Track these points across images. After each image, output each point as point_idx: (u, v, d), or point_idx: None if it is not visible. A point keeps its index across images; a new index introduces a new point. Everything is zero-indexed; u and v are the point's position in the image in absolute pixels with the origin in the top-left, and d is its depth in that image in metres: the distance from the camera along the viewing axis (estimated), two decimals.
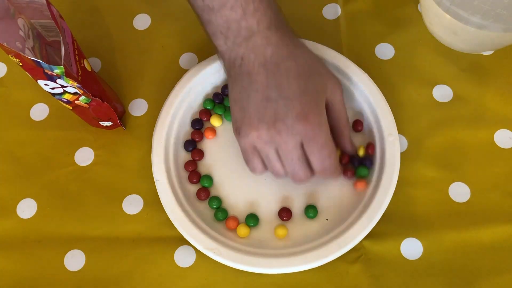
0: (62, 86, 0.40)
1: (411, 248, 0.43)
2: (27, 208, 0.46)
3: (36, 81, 0.40)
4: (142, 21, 0.54)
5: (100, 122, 0.47)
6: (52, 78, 0.39)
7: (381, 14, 0.52)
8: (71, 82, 0.39)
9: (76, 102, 0.43)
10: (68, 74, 0.39)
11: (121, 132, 0.49)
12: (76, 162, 0.48)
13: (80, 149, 0.48)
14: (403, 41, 0.51)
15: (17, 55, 0.37)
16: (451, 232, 0.43)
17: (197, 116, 0.48)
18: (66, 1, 0.55)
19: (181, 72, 0.50)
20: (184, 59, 0.51)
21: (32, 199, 0.46)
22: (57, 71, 0.38)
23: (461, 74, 0.49)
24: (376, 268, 0.42)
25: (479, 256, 0.42)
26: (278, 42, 0.40)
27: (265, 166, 0.42)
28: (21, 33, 0.40)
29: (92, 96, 0.42)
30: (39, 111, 0.50)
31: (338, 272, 0.42)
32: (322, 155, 0.40)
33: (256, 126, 0.39)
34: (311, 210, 0.43)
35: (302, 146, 0.40)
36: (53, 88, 0.40)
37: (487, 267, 0.42)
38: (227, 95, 0.48)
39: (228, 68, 0.42)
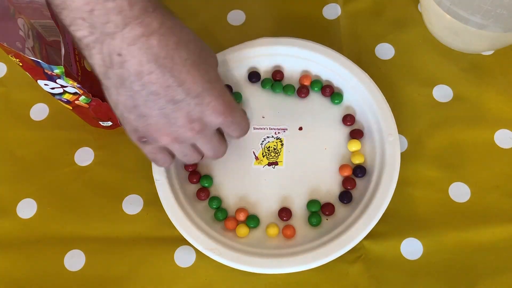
0: (62, 86, 0.40)
1: (411, 248, 0.43)
2: (27, 208, 0.46)
3: (36, 81, 0.40)
4: None
5: (100, 122, 0.47)
6: (52, 78, 0.39)
7: (381, 14, 0.52)
8: (71, 82, 0.39)
9: (76, 102, 0.43)
10: (68, 74, 0.39)
11: (121, 132, 0.49)
12: (76, 162, 0.48)
13: (80, 149, 0.48)
14: (403, 41, 0.51)
15: (17, 55, 0.37)
16: (451, 232, 0.43)
17: None
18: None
19: None
20: None
21: (32, 199, 0.46)
22: (57, 71, 0.38)
23: (461, 74, 0.49)
24: (376, 268, 0.42)
25: (479, 256, 0.42)
26: (161, 28, 0.33)
27: (173, 156, 0.40)
28: (21, 33, 0.40)
29: (92, 96, 0.42)
30: (39, 111, 0.50)
31: (338, 272, 0.42)
32: (241, 126, 0.40)
33: (168, 132, 0.36)
34: (314, 220, 0.43)
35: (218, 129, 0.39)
36: (53, 88, 0.40)
37: (487, 267, 0.42)
38: None
39: (104, 69, 0.34)
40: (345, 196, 0.44)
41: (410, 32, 0.51)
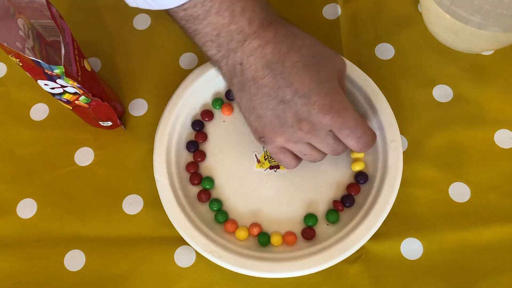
0: (62, 86, 0.40)
1: (411, 248, 0.43)
2: (27, 208, 0.46)
3: (36, 81, 0.40)
4: (142, 21, 0.54)
5: (100, 122, 0.47)
6: (52, 78, 0.39)
7: (381, 14, 0.52)
8: (71, 82, 0.39)
9: (76, 102, 0.43)
10: (68, 74, 0.39)
11: (121, 132, 0.49)
12: (76, 162, 0.48)
13: (80, 149, 0.48)
14: (403, 41, 0.51)
15: (17, 55, 0.37)
16: (451, 232, 0.43)
17: (199, 117, 0.48)
18: (66, 1, 0.55)
19: (181, 72, 0.50)
20: (184, 59, 0.51)
21: (32, 199, 0.46)
22: (57, 71, 0.38)
23: (461, 74, 0.49)
24: (376, 268, 0.42)
25: (479, 256, 0.42)
26: (275, 38, 0.37)
27: (298, 158, 0.42)
28: (21, 33, 0.40)
29: (92, 96, 0.42)
30: (39, 111, 0.50)
31: (338, 272, 0.42)
32: (357, 135, 0.39)
33: (281, 132, 0.38)
34: (310, 219, 0.43)
35: (332, 131, 0.39)
36: (53, 88, 0.40)
37: (487, 267, 0.42)
38: (231, 99, 0.48)
39: (229, 77, 0.39)
40: (348, 200, 0.44)
41: (410, 32, 0.51)
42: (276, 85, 0.37)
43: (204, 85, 0.48)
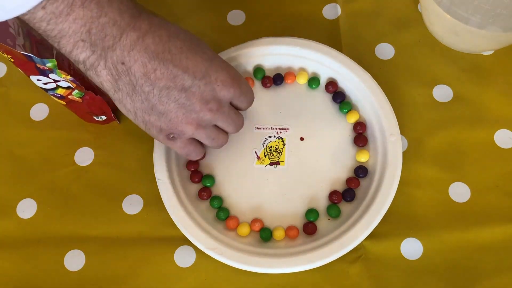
0: (55, 81, 0.40)
1: (411, 248, 0.43)
2: (27, 208, 0.46)
3: (29, 77, 0.39)
4: None
5: (94, 117, 0.47)
6: (44, 73, 0.38)
7: (381, 14, 0.52)
8: (63, 75, 0.39)
9: (69, 96, 0.42)
10: (60, 67, 0.38)
11: (121, 132, 0.49)
12: (76, 162, 0.48)
13: (80, 149, 0.48)
14: (403, 41, 0.51)
15: (7, 51, 0.36)
16: (451, 232, 0.43)
17: None
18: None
19: None
20: None
21: (32, 199, 0.46)
22: (49, 64, 0.37)
23: (461, 74, 0.49)
24: (376, 268, 0.42)
25: (479, 256, 0.42)
26: (152, 27, 0.35)
27: (203, 146, 0.43)
28: (11, 30, 0.39)
29: (85, 89, 0.42)
30: (39, 111, 0.50)
31: (338, 272, 0.42)
32: (248, 97, 0.41)
33: (190, 120, 0.38)
34: (312, 214, 0.43)
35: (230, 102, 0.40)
36: (46, 84, 0.40)
37: (487, 267, 0.42)
38: None
39: (113, 82, 0.35)
40: (348, 194, 0.44)
41: (410, 32, 0.51)
42: (171, 75, 0.36)
43: None
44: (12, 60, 0.37)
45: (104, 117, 0.47)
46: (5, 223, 0.46)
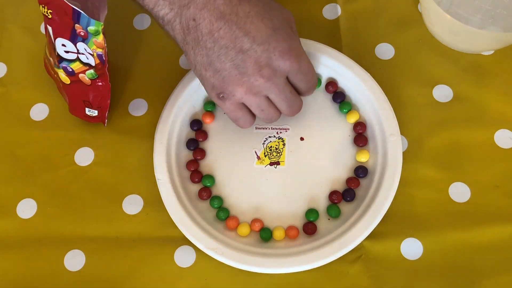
0: (78, 52, 0.39)
1: (411, 248, 0.43)
2: (27, 208, 0.46)
3: (55, 39, 0.38)
4: (142, 21, 0.54)
5: (87, 109, 0.46)
6: (75, 39, 0.37)
7: (381, 14, 0.52)
8: (94, 47, 0.38)
9: (80, 75, 0.41)
10: (104, 33, 0.37)
11: (121, 132, 0.49)
12: (76, 162, 0.48)
13: (80, 149, 0.48)
14: (403, 41, 0.51)
15: (52, 4, 0.35)
16: (451, 232, 0.43)
17: (199, 117, 0.48)
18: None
19: (181, 72, 0.50)
20: (184, 59, 0.51)
21: (32, 199, 0.46)
22: (92, 28, 0.36)
23: (461, 74, 0.49)
24: (376, 268, 0.42)
25: (479, 256, 0.42)
26: None
27: (253, 116, 0.43)
28: None
29: (107, 71, 0.41)
30: (39, 111, 0.50)
31: (338, 272, 0.42)
32: (309, 78, 0.41)
33: (241, 83, 0.39)
34: (312, 214, 0.43)
35: (287, 78, 0.40)
36: (67, 52, 0.39)
37: (487, 267, 0.42)
38: None
39: (183, 36, 0.39)
40: (348, 194, 0.44)
41: (410, 32, 0.51)
42: (233, 36, 0.37)
43: None
44: (50, 16, 0.36)
45: (96, 113, 0.46)
46: (5, 223, 0.46)
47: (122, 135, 0.49)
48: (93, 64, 0.40)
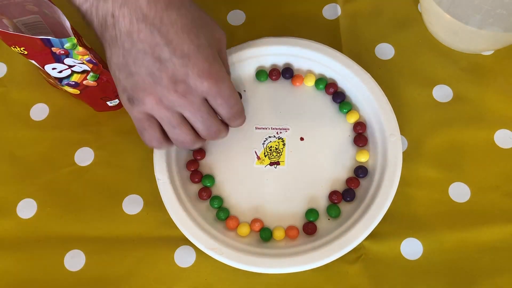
0: (70, 67, 0.39)
1: (411, 248, 0.43)
2: (27, 208, 0.46)
3: (43, 67, 0.38)
4: None
5: (108, 102, 0.46)
6: (60, 59, 0.37)
7: (381, 14, 0.52)
8: (80, 57, 0.38)
9: (84, 82, 0.41)
10: (81, 44, 0.37)
11: (121, 132, 0.49)
12: (76, 162, 0.48)
13: (80, 149, 0.48)
14: (403, 41, 0.51)
15: (21, 42, 0.35)
16: (451, 232, 0.43)
17: None
18: (65, 1, 0.54)
19: None
20: None
21: (32, 199, 0.46)
22: (67, 44, 0.36)
23: (461, 74, 0.49)
24: (376, 268, 0.42)
25: (479, 256, 0.42)
26: None
27: (164, 136, 0.40)
28: (11, 30, 0.39)
29: (103, 67, 0.41)
30: (39, 111, 0.50)
31: (338, 272, 0.42)
32: (230, 104, 0.38)
33: (154, 91, 0.36)
34: (312, 214, 0.43)
35: (206, 100, 0.38)
36: (60, 72, 0.39)
37: (487, 267, 0.42)
38: None
39: (101, 31, 0.36)
40: (348, 194, 0.44)
41: (410, 32, 0.51)
42: (154, 42, 0.35)
43: None
44: (26, 53, 0.36)
45: (117, 101, 0.46)
46: (5, 223, 0.46)
47: (122, 135, 0.49)
48: (89, 69, 0.40)
